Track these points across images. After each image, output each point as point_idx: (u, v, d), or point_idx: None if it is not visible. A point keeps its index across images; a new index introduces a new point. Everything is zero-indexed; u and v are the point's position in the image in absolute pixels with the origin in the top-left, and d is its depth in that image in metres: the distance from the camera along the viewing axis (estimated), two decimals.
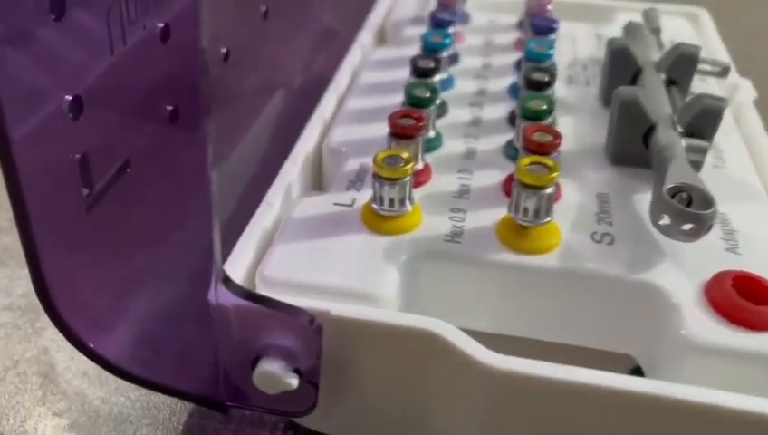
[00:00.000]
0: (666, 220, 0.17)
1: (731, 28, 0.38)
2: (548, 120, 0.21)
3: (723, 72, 0.25)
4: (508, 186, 0.20)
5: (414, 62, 0.23)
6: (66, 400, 0.21)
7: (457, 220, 0.19)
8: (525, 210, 0.18)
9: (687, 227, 0.17)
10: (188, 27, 0.21)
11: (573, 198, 0.20)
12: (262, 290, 0.17)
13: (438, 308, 0.18)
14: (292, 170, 0.21)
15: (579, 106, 0.25)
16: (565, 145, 0.22)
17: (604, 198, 0.20)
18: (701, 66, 0.25)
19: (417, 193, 0.20)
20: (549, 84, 0.23)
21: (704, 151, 0.20)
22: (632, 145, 0.21)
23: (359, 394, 0.18)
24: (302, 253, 0.18)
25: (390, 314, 0.16)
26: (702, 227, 0.17)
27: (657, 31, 0.28)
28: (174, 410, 0.21)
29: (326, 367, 0.17)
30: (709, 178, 0.21)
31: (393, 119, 0.20)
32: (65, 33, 0.14)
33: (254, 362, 0.17)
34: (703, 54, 0.28)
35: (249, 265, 0.18)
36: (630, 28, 0.27)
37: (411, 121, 0.20)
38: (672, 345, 0.17)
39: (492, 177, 0.21)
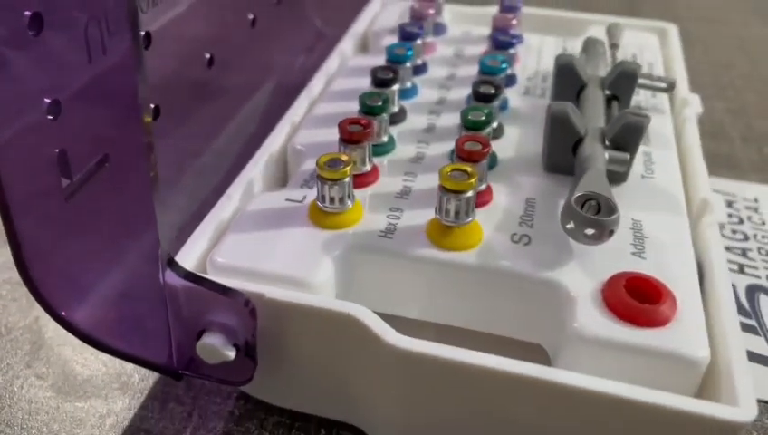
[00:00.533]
0: (571, 225, 0.19)
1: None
2: (487, 131, 0.23)
3: (669, 87, 0.27)
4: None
5: (374, 72, 0.25)
6: (49, 365, 0.24)
7: (393, 218, 0.21)
8: (448, 211, 0.20)
9: (590, 231, 0.19)
10: (170, 37, 0.23)
11: (503, 202, 0.22)
12: (211, 273, 0.20)
13: (372, 296, 0.21)
14: (255, 168, 0.24)
15: (530, 116, 0.27)
16: (508, 152, 0.25)
17: (531, 203, 0.22)
18: (649, 82, 0.27)
19: (364, 193, 0.22)
20: (494, 97, 0.25)
21: (624, 163, 0.22)
22: (562, 155, 0.23)
23: (292, 368, 0.20)
24: (251, 242, 0.21)
25: (315, 298, 0.19)
26: (603, 232, 0.19)
27: (615, 46, 0.30)
28: (142, 377, 0.23)
29: (263, 343, 0.19)
30: (635, 188, 0.23)
31: (343, 125, 0.22)
32: (45, 46, 0.17)
33: (199, 336, 0.19)
34: (658, 70, 0.30)
35: (203, 251, 0.21)
36: (588, 43, 0.29)
37: (359, 128, 0.22)
38: (568, 336, 0.19)
39: (433, 180, 0.23)
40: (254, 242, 0.21)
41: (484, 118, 0.23)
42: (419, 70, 0.29)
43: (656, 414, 0.16)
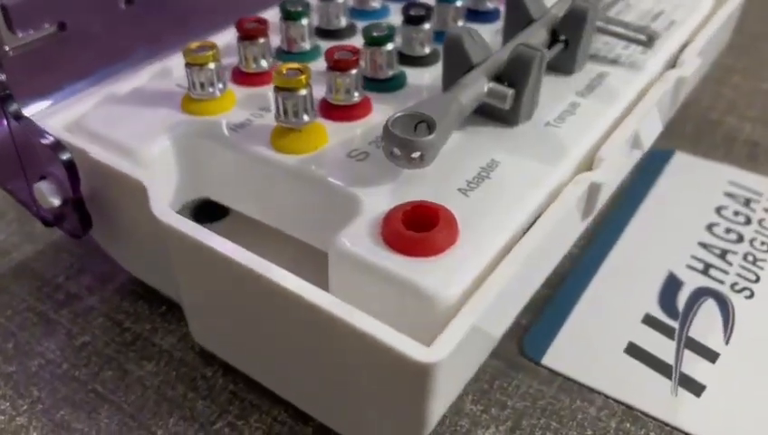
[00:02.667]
0: (383, 143, 0.18)
1: None
2: (388, 48, 0.22)
3: (648, 41, 0.23)
4: (321, 105, 0.21)
5: None
6: None
7: (256, 117, 0.21)
8: (278, 110, 0.20)
9: (397, 151, 0.18)
10: None
11: (377, 119, 0.21)
12: (75, 132, 0.21)
13: (216, 187, 0.21)
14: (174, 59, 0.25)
15: None
16: (427, 79, 0.23)
17: None
18: (623, 31, 0.23)
19: (252, 91, 0.22)
20: (424, 19, 0.23)
21: (504, 98, 0.20)
22: (455, 81, 0.21)
23: (119, 231, 0.21)
24: (119, 113, 0.22)
25: (116, 160, 0.19)
26: (409, 152, 0.17)
27: None
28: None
29: (96, 202, 0.21)
30: (526, 133, 0.21)
31: (241, 21, 0.23)
32: None
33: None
34: (681, 33, 0.26)
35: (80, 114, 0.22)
36: None
37: (254, 25, 0.22)
38: (332, 247, 0.17)
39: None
40: (122, 113, 0.22)
41: (384, 33, 0.22)
42: None
43: (350, 334, 0.15)
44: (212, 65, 0.21)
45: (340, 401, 0.18)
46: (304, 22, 0.24)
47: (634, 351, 0.21)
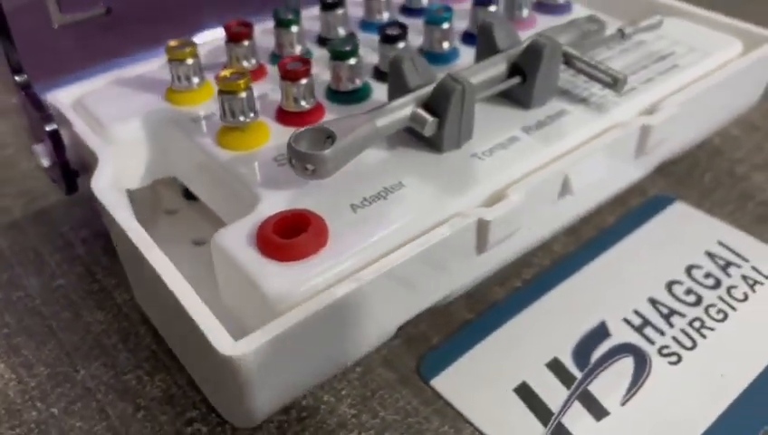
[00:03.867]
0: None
1: None
2: (353, 61, 0.23)
3: (613, 83, 0.23)
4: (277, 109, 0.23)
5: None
6: None
7: None
8: (225, 112, 0.22)
9: (292, 160, 0.19)
10: None
11: None
12: (76, 109, 0.25)
13: (180, 169, 0.24)
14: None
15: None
16: None
17: None
18: (589, 69, 0.23)
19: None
20: (398, 39, 0.24)
21: (423, 123, 0.20)
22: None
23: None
24: (116, 96, 0.25)
25: (91, 137, 0.23)
26: (300, 163, 0.19)
27: (621, 33, 0.25)
28: None
29: (80, 167, 0.24)
30: (448, 161, 0.21)
31: (228, 24, 0.25)
32: None
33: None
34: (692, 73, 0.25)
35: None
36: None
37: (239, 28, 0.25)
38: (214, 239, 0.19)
39: None
40: (115, 95, 0.25)
41: (348, 49, 0.23)
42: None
43: (187, 318, 0.17)
44: (190, 61, 0.24)
45: (207, 376, 0.20)
46: (294, 29, 0.26)
47: (523, 391, 0.21)
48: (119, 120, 0.23)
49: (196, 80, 0.24)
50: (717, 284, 0.24)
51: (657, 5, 0.30)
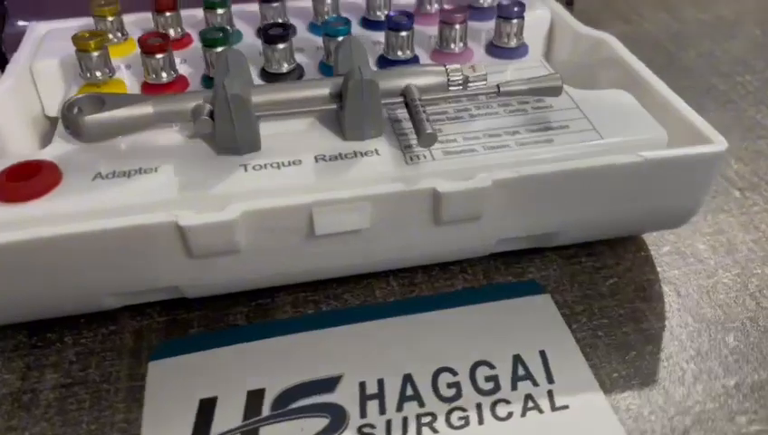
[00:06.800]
0: None
1: None
2: (221, 48, 0.24)
3: (419, 136, 0.21)
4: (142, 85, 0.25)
5: None
6: None
7: None
8: (85, 68, 0.24)
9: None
10: None
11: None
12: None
13: None
14: None
15: None
16: None
17: None
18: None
19: None
20: (281, 39, 0.25)
21: (195, 120, 0.21)
22: None
23: None
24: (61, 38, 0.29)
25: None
26: (64, 122, 0.21)
27: None
28: None
29: None
30: (220, 162, 0.22)
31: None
32: None
33: None
34: None
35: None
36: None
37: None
38: None
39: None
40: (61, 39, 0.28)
41: (218, 37, 0.24)
42: None
43: None
44: (110, 18, 0.26)
45: None
46: (220, 11, 0.27)
47: (207, 405, 0.20)
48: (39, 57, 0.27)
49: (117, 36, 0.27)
50: (493, 391, 0.21)
51: (629, 70, 0.25)
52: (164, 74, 0.24)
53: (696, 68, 0.36)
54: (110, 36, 0.27)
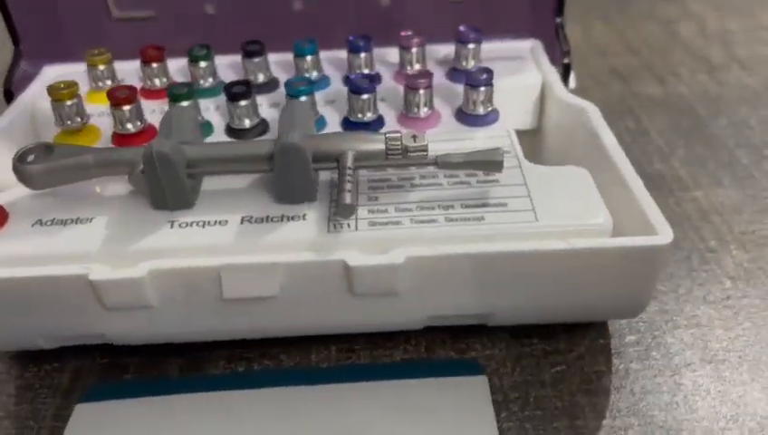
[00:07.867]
0: None
1: None
2: (190, 102, 0.25)
3: (336, 205, 0.20)
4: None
5: None
6: None
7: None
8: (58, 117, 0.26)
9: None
10: None
11: None
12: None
13: None
14: None
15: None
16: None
17: None
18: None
19: None
20: (243, 96, 0.25)
21: (130, 173, 0.21)
22: None
23: None
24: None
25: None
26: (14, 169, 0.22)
27: None
28: None
29: None
30: (153, 218, 0.22)
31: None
32: None
33: None
34: None
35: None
36: None
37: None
38: None
39: None
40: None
41: (183, 92, 0.25)
42: None
43: None
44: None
45: None
46: (203, 64, 0.28)
47: None
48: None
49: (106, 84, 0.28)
50: None
51: (599, 145, 0.24)
52: (129, 125, 0.25)
53: (723, 137, 0.33)
54: (100, 84, 0.28)
